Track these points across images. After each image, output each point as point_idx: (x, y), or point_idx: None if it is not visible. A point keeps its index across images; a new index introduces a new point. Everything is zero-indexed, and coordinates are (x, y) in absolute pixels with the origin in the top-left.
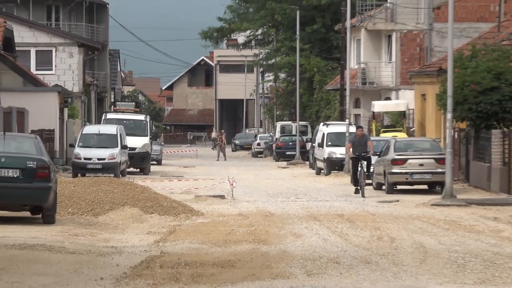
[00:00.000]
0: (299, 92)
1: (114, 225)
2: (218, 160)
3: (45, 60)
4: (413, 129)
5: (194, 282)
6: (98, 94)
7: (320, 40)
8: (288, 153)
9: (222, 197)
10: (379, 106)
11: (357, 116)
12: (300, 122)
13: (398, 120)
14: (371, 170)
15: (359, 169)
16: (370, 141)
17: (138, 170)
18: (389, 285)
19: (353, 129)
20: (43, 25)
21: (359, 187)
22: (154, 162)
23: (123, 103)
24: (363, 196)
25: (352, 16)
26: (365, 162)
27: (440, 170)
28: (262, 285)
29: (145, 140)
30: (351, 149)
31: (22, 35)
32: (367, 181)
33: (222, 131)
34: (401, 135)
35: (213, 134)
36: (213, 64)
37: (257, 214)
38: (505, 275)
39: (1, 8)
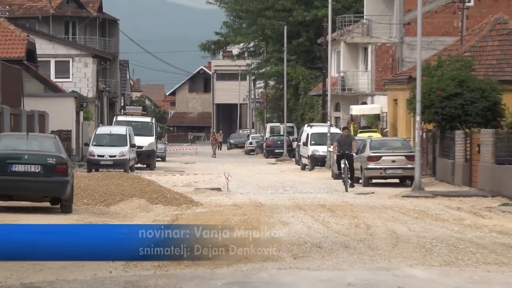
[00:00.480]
0: (286, 98)
1: (124, 214)
2: (216, 157)
3: (63, 69)
4: (386, 129)
5: (194, 264)
6: (109, 99)
7: (304, 52)
8: (276, 151)
9: (218, 189)
10: (356, 109)
11: (337, 118)
12: (287, 123)
13: (373, 122)
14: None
15: (342, 165)
16: (355, 141)
17: (145, 166)
18: (366, 267)
19: (333, 129)
20: (61, 39)
21: (341, 171)
22: (159, 159)
23: (131, 107)
24: (346, 190)
25: (333, 30)
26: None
27: (410, 166)
28: (254, 267)
29: (151, 139)
30: (337, 148)
31: (43, 47)
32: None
33: (220, 131)
34: (376, 135)
35: None
36: (211, 73)
37: (249, 205)
38: (467, 258)
39: (25, 24)
